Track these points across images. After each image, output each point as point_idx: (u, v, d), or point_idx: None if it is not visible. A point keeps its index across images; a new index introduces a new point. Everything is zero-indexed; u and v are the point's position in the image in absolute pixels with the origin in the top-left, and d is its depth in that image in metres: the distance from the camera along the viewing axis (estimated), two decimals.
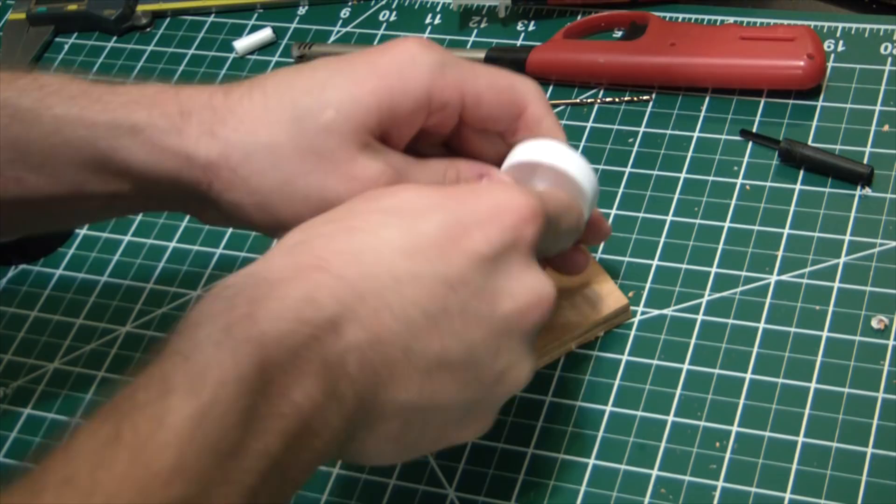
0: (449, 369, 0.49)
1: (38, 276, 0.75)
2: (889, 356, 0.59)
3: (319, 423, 0.45)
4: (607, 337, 0.63)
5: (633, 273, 0.65)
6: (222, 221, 0.58)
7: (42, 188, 0.56)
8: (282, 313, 0.45)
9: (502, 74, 0.57)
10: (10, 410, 0.68)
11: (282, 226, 0.52)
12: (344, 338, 0.46)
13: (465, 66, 0.56)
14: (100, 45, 0.87)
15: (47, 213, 0.58)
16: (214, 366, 0.43)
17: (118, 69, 0.85)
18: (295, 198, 0.54)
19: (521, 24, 0.80)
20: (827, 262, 0.63)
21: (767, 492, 0.56)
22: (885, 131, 0.68)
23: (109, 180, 0.56)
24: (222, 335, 0.44)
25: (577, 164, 0.56)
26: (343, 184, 0.53)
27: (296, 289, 0.46)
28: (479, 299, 0.49)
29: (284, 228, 0.51)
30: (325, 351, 0.45)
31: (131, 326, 0.70)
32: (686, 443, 0.59)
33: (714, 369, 0.61)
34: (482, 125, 0.57)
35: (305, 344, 0.45)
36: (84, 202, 0.57)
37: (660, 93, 0.73)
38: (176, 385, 0.42)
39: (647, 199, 0.68)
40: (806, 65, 0.69)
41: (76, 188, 0.56)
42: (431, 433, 0.51)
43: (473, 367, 0.50)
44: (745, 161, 0.69)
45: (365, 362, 0.46)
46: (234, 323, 0.44)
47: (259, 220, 0.55)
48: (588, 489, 0.58)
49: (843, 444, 0.57)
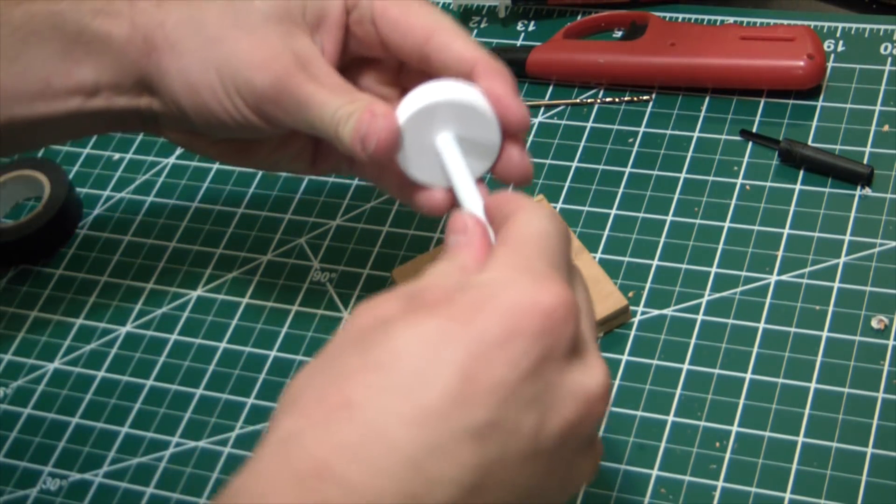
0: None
1: (38, 276, 0.75)
2: (889, 356, 0.59)
3: None
4: (607, 337, 0.63)
5: (633, 273, 0.65)
6: (166, 118, 0.59)
7: (11, 88, 0.58)
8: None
9: (418, 1, 0.57)
10: (10, 410, 0.68)
11: (206, 110, 0.56)
12: None
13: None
14: None
15: (12, 125, 0.59)
16: None
17: None
18: (208, 64, 0.55)
19: (521, 24, 0.80)
20: (827, 262, 0.63)
21: (767, 492, 0.56)
22: (885, 131, 0.68)
23: (72, 70, 0.58)
24: None
25: (473, 92, 0.54)
26: (251, 52, 0.55)
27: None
28: (518, 436, 0.41)
29: (210, 118, 0.55)
30: None
31: (131, 326, 0.70)
32: (686, 443, 0.59)
33: (714, 369, 0.61)
34: (395, 47, 0.56)
35: None
36: (50, 101, 0.59)
37: (660, 93, 0.73)
38: None
39: (647, 199, 0.68)
40: (806, 65, 0.69)
41: (43, 83, 0.58)
42: None
43: (537, 499, 0.43)
44: (745, 161, 0.69)
45: None
46: None
47: (184, 96, 0.56)
48: (588, 489, 0.58)
49: (843, 444, 0.57)
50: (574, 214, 0.69)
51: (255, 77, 0.55)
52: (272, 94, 0.55)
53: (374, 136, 0.53)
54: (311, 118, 0.55)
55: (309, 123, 0.55)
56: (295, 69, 0.55)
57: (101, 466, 0.65)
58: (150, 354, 0.69)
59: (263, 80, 0.55)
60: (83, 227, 0.76)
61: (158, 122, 0.60)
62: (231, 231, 0.73)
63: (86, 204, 0.77)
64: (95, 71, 0.58)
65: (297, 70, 0.55)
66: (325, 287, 0.69)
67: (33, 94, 0.59)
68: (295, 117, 0.55)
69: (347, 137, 0.54)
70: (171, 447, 0.65)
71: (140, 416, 0.66)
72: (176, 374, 0.68)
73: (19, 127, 0.60)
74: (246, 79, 0.55)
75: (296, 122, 0.56)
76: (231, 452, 0.64)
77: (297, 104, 0.55)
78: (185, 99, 0.57)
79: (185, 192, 0.76)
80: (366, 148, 0.53)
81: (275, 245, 0.72)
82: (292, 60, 0.55)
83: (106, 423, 0.66)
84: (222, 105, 0.56)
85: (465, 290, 0.43)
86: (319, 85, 0.55)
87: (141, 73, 0.58)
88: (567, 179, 0.70)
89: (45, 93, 0.59)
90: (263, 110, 0.56)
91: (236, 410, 0.65)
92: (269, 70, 0.55)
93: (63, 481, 0.65)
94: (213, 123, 0.57)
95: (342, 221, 0.72)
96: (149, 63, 0.57)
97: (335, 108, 0.54)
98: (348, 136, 0.53)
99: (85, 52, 0.58)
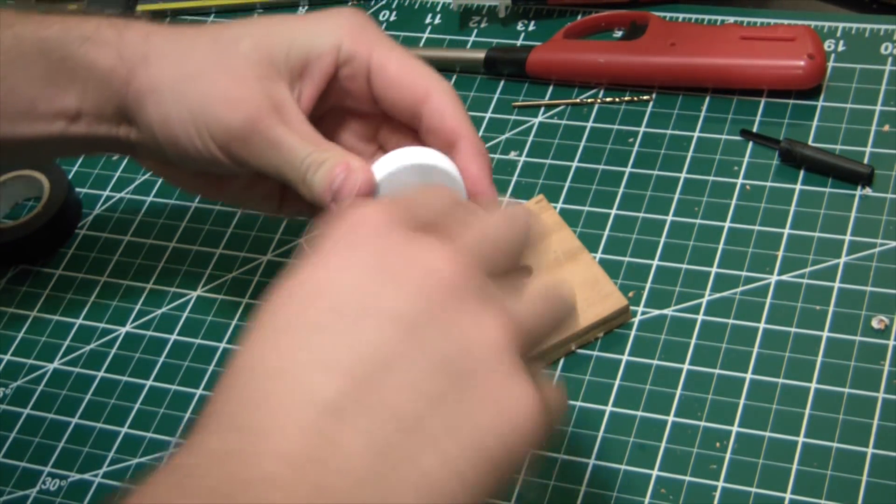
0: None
1: (38, 276, 0.75)
2: (889, 356, 0.59)
3: None
4: (607, 337, 0.63)
5: (633, 273, 0.65)
6: (143, 148, 0.60)
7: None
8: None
9: (415, 59, 0.58)
10: (10, 410, 0.68)
11: (177, 143, 0.57)
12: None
13: (385, 38, 0.58)
14: None
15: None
16: None
17: None
18: (183, 100, 0.56)
19: (521, 24, 0.80)
20: (827, 262, 0.63)
21: (767, 492, 0.56)
22: (885, 131, 0.68)
23: (56, 95, 0.59)
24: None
25: (450, 164, 0.55)
26: (226, 90, 0.56)
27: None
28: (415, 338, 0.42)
29: (180, 151, 0.57)
30: None
31: (131, 326, 0.70)
32: (686, 443, 0.59)
33: (714, 369, 0.61)
34: (389, 103, 0.57)
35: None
36: (33, 124, 0.60)
37: (660, 93, 0.73)
38: None
39: (647, 199, 0.68)
40: (806, 65, 0.69)
41: (28, 105, 0.59)
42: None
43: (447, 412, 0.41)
44: (746, 161, 0.69)
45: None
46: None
47: (158, 128, 0.57)
48: (588, 489, 0.58)
49: (843, 444, 0.57)
50: (574, 214, 0.69)
51: (227, 115, 0.55)
52: (242, 134, 0.55)
53: (350, 189, 0.53)
54: (279, 162, 0.55)
55: (276, 167, 0.56)
56: (267, 112, 0.55)
57: (101, 467, 0.65)
58: (149, 355, 0.69)
59: (235, 118, 0.55)
60: (83, 227, 0.76)
61: (136, 150, 0.61)
62: (231, 231, 0.73)
63: (86, 204, 0.77)
64: (78, 98, 0.59)
65: (269, 112, 0.55)
66: None
67: (17, 116, 0.60)
68: (262, 160, 0.56)
69: (317, 186, 0.54)
70: (171, 447, 0.65)
71: (140, 416, 0.66)
72: (176, 374, 0.67)
73: (4, 146, 0.60)
74: (218, 117, 0.56)
75: (263, 164, 0.56)
76: None
77: (267, 146, 0.55)
78: (159, 131, 0.57)
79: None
80: (339, 201, 0.54)
81: (275, 245, 0.72)
82: (266, 103, 0.56)
83: (105, 424, 0.66)
84: (192, 141, 0.57)
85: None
86: (290, 130, 0.55)
87: (121, 103, 0.59)
88: (567, 179, 0.70)
89: (29, 115, 0.60)
90: (232, 151, 0.56)
91: None
92: (241, 110, 0.55)
93: (63, 482, 0.65)
94: (184, 157, 0.58)
95: None
96: (128, 93, 0.58)
97: (304, 154, 0.55)
98: (318, 186, 0.54)
99: (69, 78, 0.59)
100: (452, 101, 0.57)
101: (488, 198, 0.55)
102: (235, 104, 0.55)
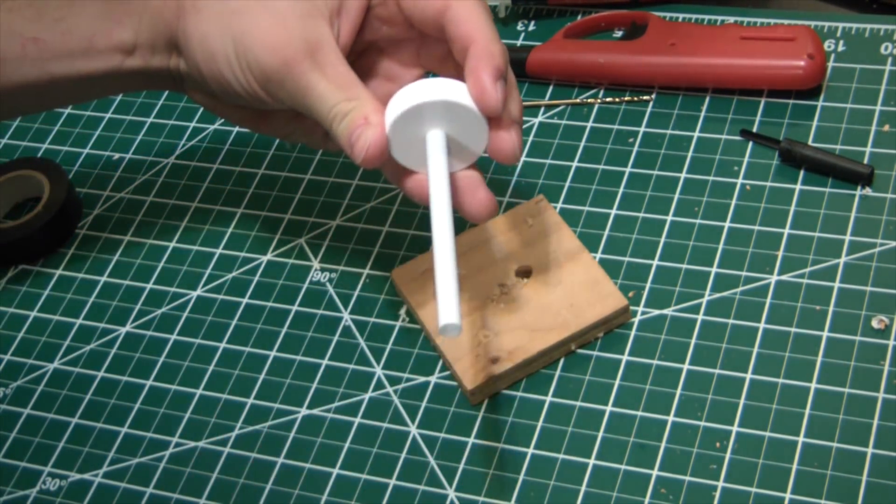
0: None
1: (38, 276, 0.74)
2: (889, 356, 0.59)
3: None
4: (607, 337, 0.63)
5: (633, 273, 0.65)
6: (190, 80, 0.62)
7: (57, 46, 0.61)
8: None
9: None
10: (10, 410, 0.68)
11: (221, 77, 0.59)
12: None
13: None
14: None
15: (54, 83, 0.62)
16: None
17: None
18: (227, 34, 0.58)
19: (521, 24, 0.80)
20: (827, 262, 0.63)
21: (767, 492, 0.56)
22: (885, 131, 0.68)
23: (113, 30, 0.61)
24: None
25: (461, 90, 0.56)
26: (266, 31, 0.57)
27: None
28: None
29: (224, 85, 0.59)
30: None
31: (131, 326, 0.70)
32: (686, 443, 0.59)
33: (714, 369, 0.61)
34: (418, 20, 0.59)
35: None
36: (91, 60, 0.62)
37: (660, 93, 0.73)
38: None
39: (647, 199, 0.68)
40: (806, 65, 0.69)
41: (87, 42, 0.61)
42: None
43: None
44: (746, 161, 0.69)
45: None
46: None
47: (203, 61, 0.59)
48: (588, 489, 0.58)
49: (843, 444, 0.57)
50: (574, 214, 0.69)
51: (265, 57, 0.57)
52: (277, 77, 0.57)
53: (362, 146, 0.56)
54: (310, 107, 0.58)
55: (308, 111, 0.58)
56: (303, 56, 0.57)
57: (101, 466, 0.65)
58: (149, 354, 0.69)
59: (272, 62, 0.57)
60: (83, 227, 0.76)
61: (185, 84, 0.63)
62: (231, 231, 0.73)
63: (86, 204, 0.77)
64: (134, 31, 0.61)
65: (305, 57, 0.57)
66: (324, 287, 0.69)
67: (76, 53, 0.62)
68: (296, 102, 0.58)
69: (341, 137, 0.57)
70: (171, 447, 0.65)
71: (140, 416, 0.66)
72: (176, 374, 0.67)
73: (61, 84, 0.63)
74: (256, 56, 0.57)
75: (297, 106, 0.58)
76: (231, 452, 0.64)
77: (299, 91, 0.57)
78: (203, 64, 0.59)
79: (185, 192, 0.76)
80: (355, 154, 0.56)
81: (275, 245, 0.72)
82: (302, 47, 0.57)
83: (105, 424, 0.66)
84: (234, 75, 0.58)
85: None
86: (322, 76, 0.57)
87: (172, 35, 0.61)
88: (567, 179, 0.70)
89: (88, 51, 0.62)
90: (269, 89, 0.58)
91: (236, 410, 0.65)
92: (279, 54, 0.57)
93: (63, 481, 0.65)
94: (228, 91, 0.60)
95: (342, 221, 0.72)
96: (178, 25, 0.60)
97: (333, 103, 0.57)
98: (341, 136, 0.57)
99: (125, 12, 0.61)
100: (470, 8, 0.58)
101: (491, 101, 0.56)
102: (274, 47, 0.57)
